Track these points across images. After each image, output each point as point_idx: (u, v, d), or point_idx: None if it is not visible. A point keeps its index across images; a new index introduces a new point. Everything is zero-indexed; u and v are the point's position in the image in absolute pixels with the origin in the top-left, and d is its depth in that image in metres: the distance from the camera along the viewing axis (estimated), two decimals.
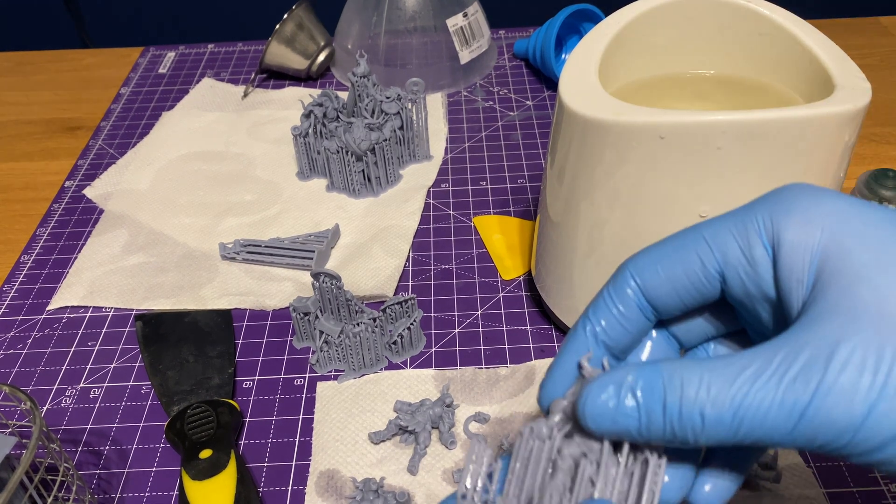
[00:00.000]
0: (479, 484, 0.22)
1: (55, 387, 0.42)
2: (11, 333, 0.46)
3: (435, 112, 0.63)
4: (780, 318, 0.21)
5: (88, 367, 0.43)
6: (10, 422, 0.34)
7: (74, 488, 0.32)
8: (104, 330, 0.45)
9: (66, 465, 0.32)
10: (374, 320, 0.41)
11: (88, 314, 0.47)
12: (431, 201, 0.54)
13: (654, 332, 0.24)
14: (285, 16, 0.64)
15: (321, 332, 0.41)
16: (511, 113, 0.63)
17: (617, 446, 0.22)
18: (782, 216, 0.20)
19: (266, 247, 0.49)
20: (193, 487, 0.34)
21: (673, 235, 0.23)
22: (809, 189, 0.21)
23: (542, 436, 0.23)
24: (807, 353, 0.18)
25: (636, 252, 0.23)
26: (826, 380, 0.18)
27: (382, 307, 0.41)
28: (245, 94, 0.66)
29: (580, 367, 0.23)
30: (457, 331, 0.44)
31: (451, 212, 0.53)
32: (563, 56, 0.67)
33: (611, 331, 0.23)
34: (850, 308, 0.18)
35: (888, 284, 0.18)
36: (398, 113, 0.53)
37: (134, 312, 0.46)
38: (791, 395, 0.18)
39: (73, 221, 0.54)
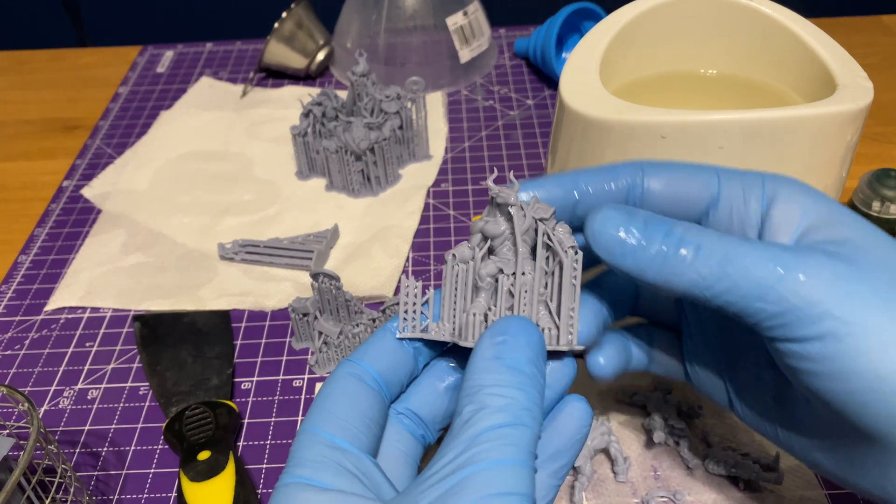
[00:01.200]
0: (416, 315, 0.25)
1: (53, 388, 0.42)
2: (9, 334, 0.45)
3: (435, 111, 0.62)
4: None
5: (86, 367, 0.43)
6: (7, 423, 0.34)
7: (72, 490, 0.32)
8: (102, 330, 0.45)
9: (63, 466, 0.31)
10: (374, 321, 0.41)
11: (86, 315, 0.46)
12: (431, 201, 0.54)
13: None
14: (284, 14, 0.64)
15: (320, 333, 0.41)
16: (511, 112, 0.63)
17: (532, 253, 0.24)
18: (782, 184, 0.24)
19: (265, 247, 0.48)
20: (192, 489, 0.34)
21: (689, 163, 0.26)
22: (802, 184, 0.24)
23: (466, 257, 0.25)
24: (795, 248, 0.22)
25: None
26: (813, 259, 0.21)
27: (382, 307, 0.41)
28: (244, 93, 0.66)
29: (489, 189, 0.25)
30: None
31: (451, 212, 0.53)
32: (563, 55, 0.67)
33: (593, 195, 0.25)
34: (832, 240, 0.22)
35: (858, 238, 0.22)
36: (398, 112, 0.53)
37: (132, 313, 0.46)
38: (783, 257, 0.21)
39: (71, 221, 0.54)
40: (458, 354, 0.26)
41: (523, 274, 0.24)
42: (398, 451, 0.24)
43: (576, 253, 0.24)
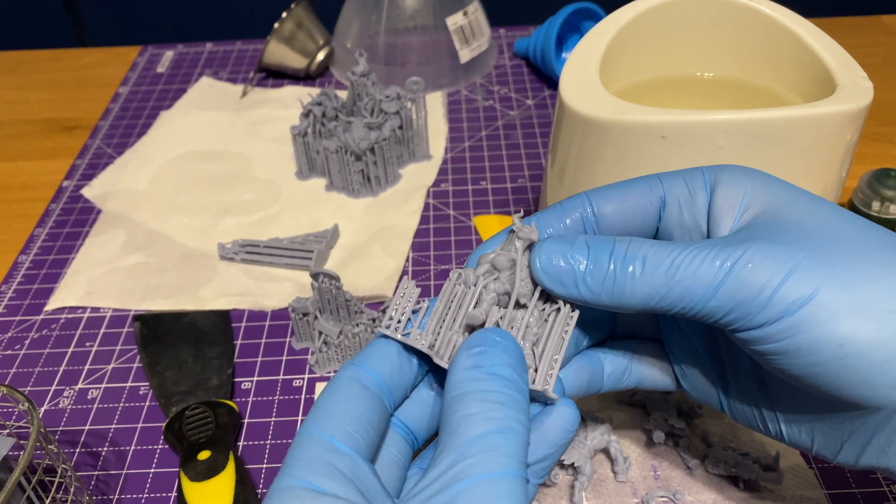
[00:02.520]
0: (403, 318, 0.25)
1: (53, 387, 0.42)
2: (9, 334, 0.45)
3: (435, 111, 0.62)
4: None
5: (86, 367, 0.43)
6: (7, 423, 0.34)
7: (72, 489, 0.32)
8: (102, 330, 0.45)
9: (64, 466, 0.31)
10: (374, 321, 0.41)
11: (86, 315, 0.46)
12: (431, 201, 0.54)
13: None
14: (284, 14, 0.64)
15: (320, 333, 0.41)
16: (511, 112, 0.63)
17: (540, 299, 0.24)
18: (723, 170, 0.25)
19: (265, 247, 0.48)
20: (192, 489, 0.34)
21: (634, 178, 0.26)
22: (744, 167, 0.25)
23: (469, 282, 0.25)
24: (740, 236, 0.22)
25: None
26: (755, 246, 0.21)
27: (382, 307, 0.41)
28: (244, 94, 0.66)
29: (514, 225, 0.25)
30: None
31: (451, 212, 0.53)
32: (563, 55, 0.67)
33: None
34: (774, 223, 0.22)
35: (801, 216, 0.22)
36: (398, 112, 0.53)
37: (132, 313, 0.46)
38: (724, 252, 0.21)
39: (71, 221, 0.54)
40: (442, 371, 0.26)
41: (515, 307, 0.24)
42: (391, 456, 0.24)
43: (573, 309, 0.24)
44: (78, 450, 0.39)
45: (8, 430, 0.34)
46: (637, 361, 0.28)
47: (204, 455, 0.36)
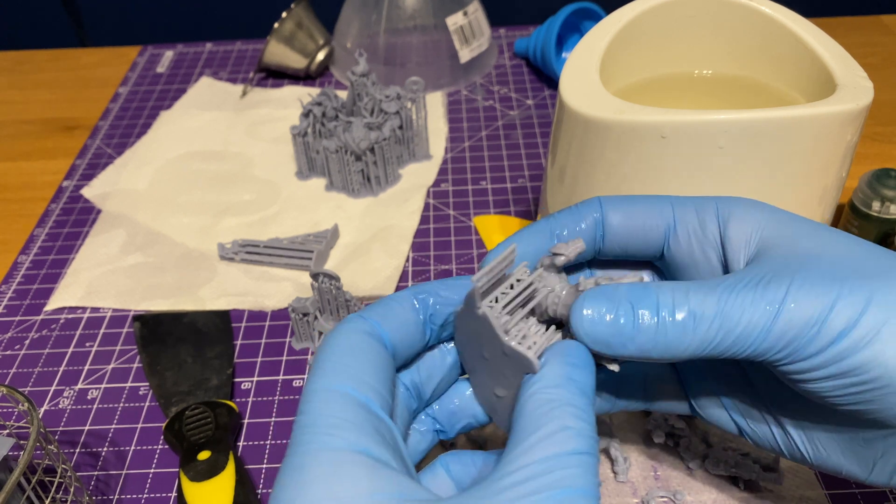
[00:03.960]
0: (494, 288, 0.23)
1: (53, 388, 0.42)
2: (9, 334, 0.45)
3: (435, 111, 0.62)
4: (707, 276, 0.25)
5: (86, 367, 0.43)
6: (7, 423, 0.34)
7: (72, 490, 0.32)
8: (102, 331, 0.45)
9: (63, 466, 0.31)
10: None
11: (86, 315, 0.46)
12: (431, 201, 0.54)
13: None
14: (284, 14, 0.64)
15: (320, 333, 0.41)
16: (511, 112, 0.63)
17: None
18: (734, 203, 0.25)
19: (265, 247, 0.48)
20: (192, 489, 0.34)
21: (646, 195, 0.26)
22: (754, 200, 0.25)
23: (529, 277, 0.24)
24: (771, 272, 0.22)
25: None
26: (795, 283, 0.21)
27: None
28: (244, 94, 0.66)
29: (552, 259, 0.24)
30: None
31: (451, 212, 0.53)
32: (563, 55, 0.67)
33: (567, 240, 0.26)
34: (795, 255, 0.23)
35: (815, 246, 0.23)
36: (398, 112, 0.53)
37: (132, 313, 0.46)
38: (768, 293, 0.21)
39: (71, 221, 0.54)
40: (466, 344, 0.25)
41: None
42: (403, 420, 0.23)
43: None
44: (78, 450, 0.39)
45: (8, 431, 0.34)
46: (650, 382, 0.28)
47: (204, 455, 0.36)
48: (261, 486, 0.36)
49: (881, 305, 0.21)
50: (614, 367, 0.23)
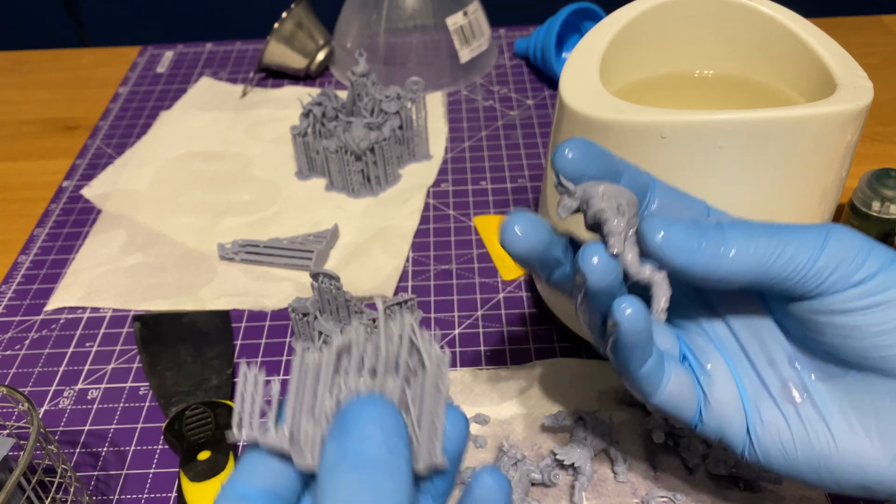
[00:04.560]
0: (254, 412, 0.21)
1: (53, 388, 0.42)
2: (9, 334, 0.45)
3: (435, 111, 0.62)
4: None
5: (86, 368, 0.43)
6: (7, 423, 0.34)
7: (72, 490, 0.32)
8: (102, 331, 0.45)
9: (63, 466, 0.31)
10: (374, 321, 0.41)
11: (86, 315, 0.46)
12: (431, 201, 0.54)
13: None
14: (284, 14, 0.64)
15: (320, 333, 0.41)
16: (511, 112, 0.63)
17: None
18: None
19: (265, 247, 0.48)
20: (192, 489, 0.34)
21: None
22: None
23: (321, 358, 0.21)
24: (815, 227, 0.25)
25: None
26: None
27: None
28: (244, 94, 0.66)
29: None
30: (457, 331, 0.44)
31: (451, 212, 0.53)
32: (563, 55, 0.67)
33: (630, 186, 0.26)
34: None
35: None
36: (398, 112, 0.53)
37: (132, 313, 0.46)
38: (812, 236, 0.24)
39: (71, 221, 0.54)
40: None
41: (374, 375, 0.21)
42: None
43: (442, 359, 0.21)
44: (78, 450, 0.39)
45: (8, 431, 0.34)
46: (669, 365, 0.27)
47: (204, 455, 0.36)
48: None
49: None
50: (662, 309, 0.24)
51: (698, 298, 0.28)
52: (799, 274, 0.24)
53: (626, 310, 0.24)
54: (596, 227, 0.25)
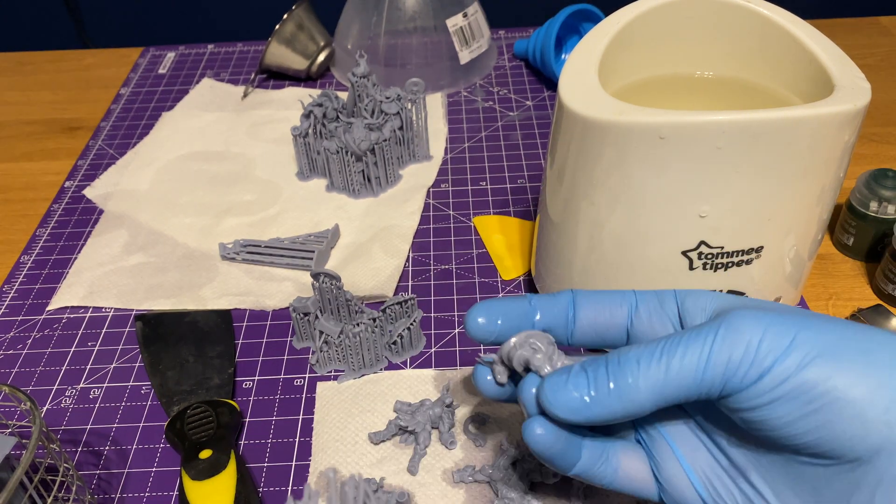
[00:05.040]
0: None
1: (55, 387, 0.42)
2: (11, 334, 0.46)
3: (435, 112, 0.63)
4: None
5: (88, 367, 0.43)
6: (9, 422, 0.34)
7: (74, 488, 0.32)
8: (104, 330, 0.45)
9: (65, 465, 0.32)
10: (374, 320, 0.41)
11: (88, 314, 0.47)
12: (431, 201, 0.54)
13: None
14: (285, 16, 0.64)
15: (321, 333, 0.41)
16: (511, 113, 0.63)
17: None
18: (691, 291, 0.28)
19: (266, 247, 0.49)
20: (193, 487, 0.34)
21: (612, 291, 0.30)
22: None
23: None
24: (710, 321, 0.25)
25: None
26: (728, 318, 0.24)
27: (382, 307, 0.41)
28: (245, 95, 0.66)
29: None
30: (457, 331, 0.44)
31: (451, 212, 0.53)
32: (562, 56, 0.67)
33: (546, 316, 0.30)
34: (739, 307, 0.25)
35: (757, 304, 0.26)
36: (398, 113, 0.53)
37: (134, 313, 0.46)
38: (703, 334, 0.24)
39: (73, 222, 0.54)
40: None
41: None
42: None
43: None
44: (80, 449, 0.39)
45: (10, 430, 0.34)
46: (615, 452, 0.28)
47: (205, 454, 0.36)
48: (262, 484, 0.37)
49: (809, 338, 0.23)
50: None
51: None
52: (693, 388, 0.24)
53: (536, 430, 0.26)
54: (526, 369, 0.28)
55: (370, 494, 0.25)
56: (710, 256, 0.35)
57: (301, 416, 0.40)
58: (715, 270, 0.36)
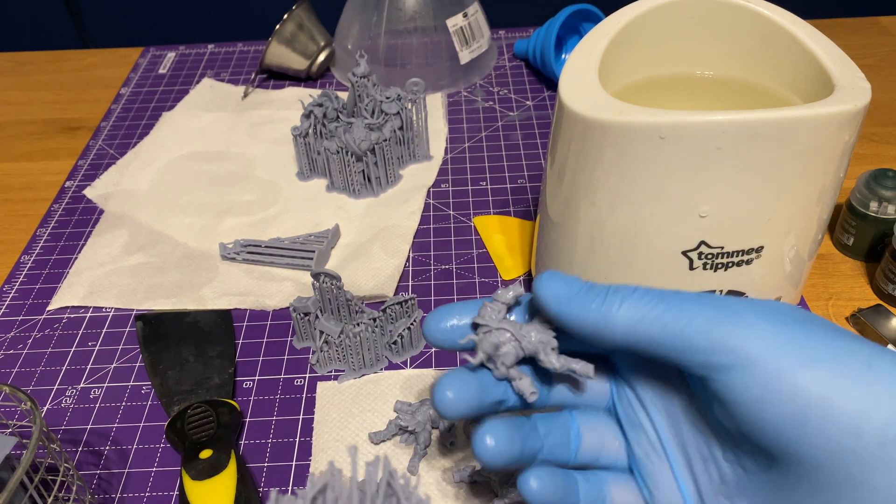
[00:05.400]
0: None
1: (55, 387, 0.42)
2: (12, 334, 0.46)
3: (435, 112, 0.63)
4: None
5: (89, 367, 0.43)
6: (10, 422, 0.34)
7: (74, 488, 0.32)
8: (104, 330, 0.45)
9: (66, 465, 0.32)
10: (374, 320, 0.41)
11: (88, 314, 0.47)
12: (431, 201, 0.54)
13: None
14: (285, 16, 0.64)
15: (321, 332, 0.41)
16: (511, 113, 0.63)
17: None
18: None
19: (266, 247, 0.49)
20: (193, 487, 0.34)
21: None
22: None
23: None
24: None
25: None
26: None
27: (382, 307, 0.41)
28: (245, 95, 0.66)
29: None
30: None
31: (451, 212, 0.53)
32: (563, 56, 0.67)
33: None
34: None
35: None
36: (398, 113, 0.53)
37: (134, 312, 0.46)
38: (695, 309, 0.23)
39: (74, 222, 0.54)
40: None
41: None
42: None
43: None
44: (80, 449, 0.39)
45: (10, 430, 0.34)
46: (608, 486, 0.28)
47: (205, 454, 0.36)
48: (262, 484, 0.37)
49: (809, 343, 0.22)
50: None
51: (638, 400, 0.28)
52: (678, 340, 0.23)
53: (532, 483, 0.26)
54: (530, 358, 0.26)
55: (394, 475, 0.23)
56: (710, 256, 0.35)
57: (301, 416, 0.40)
58: (715, 270, 0.36)
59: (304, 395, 0.41)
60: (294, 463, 0.37)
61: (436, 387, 0.26)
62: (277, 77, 0.69)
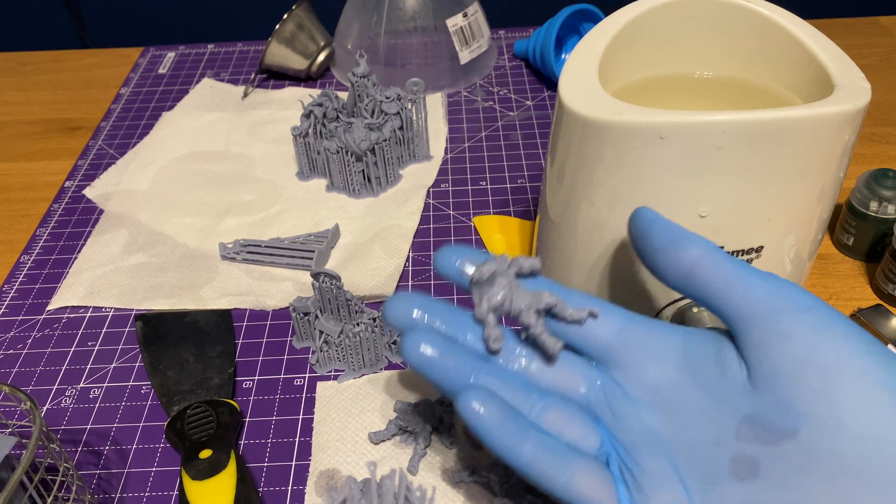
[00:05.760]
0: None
1: (55, 387, 0.42)
2: (11, 333, 0.46)
3: (435, 112, 0.63)
4: None
5: (88, 367, 0.43)
6: (9, 422, 0.34)
7: (74, 488, 0.32)
8: (104, 330, 0.45)
9: (65, 465, 0.32)
10: (374, 320, 0.41)
11: (88, 314, 0.47)
12: (431, 201, 0.54)
13: None
14: (285, 16, 0.64)
15: (321, 332, 0.41)
16: (511, 113, 0.63)
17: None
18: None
19: (266, 247, 0.49)
20: (193, 487, 0.34)
21: None
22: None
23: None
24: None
25: None
26: None
27: (382, 307, 0.41)
28: (245, 95, 0.66)
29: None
30: None
31: (451, 212, 0.53)
32: (562, 56, 0.67)
33: None
34: None
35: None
36: (398, 113, 0.53)
37: (134, 312, 0.46)
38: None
39: (73, 221, 0.54)
40: None
41: None
42: None
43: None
44: (80, 449, 0.39)
45: (10, 430, 0.34)
46: (572, 461, 0.26)
47: (205, 454, 0.36)
48: (262, 484, 0.37)
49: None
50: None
51: (625, 396, 0.27)
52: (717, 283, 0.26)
53: (474, 405, 0.26)
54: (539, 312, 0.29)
55: (411, 489, 0.23)
56: None
57: (301, 416, 0.40)
58: None
59: (303, 395, 0.41)
60: (294, 463, 0.37)
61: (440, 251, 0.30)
62: (277, 77, 0.69)
